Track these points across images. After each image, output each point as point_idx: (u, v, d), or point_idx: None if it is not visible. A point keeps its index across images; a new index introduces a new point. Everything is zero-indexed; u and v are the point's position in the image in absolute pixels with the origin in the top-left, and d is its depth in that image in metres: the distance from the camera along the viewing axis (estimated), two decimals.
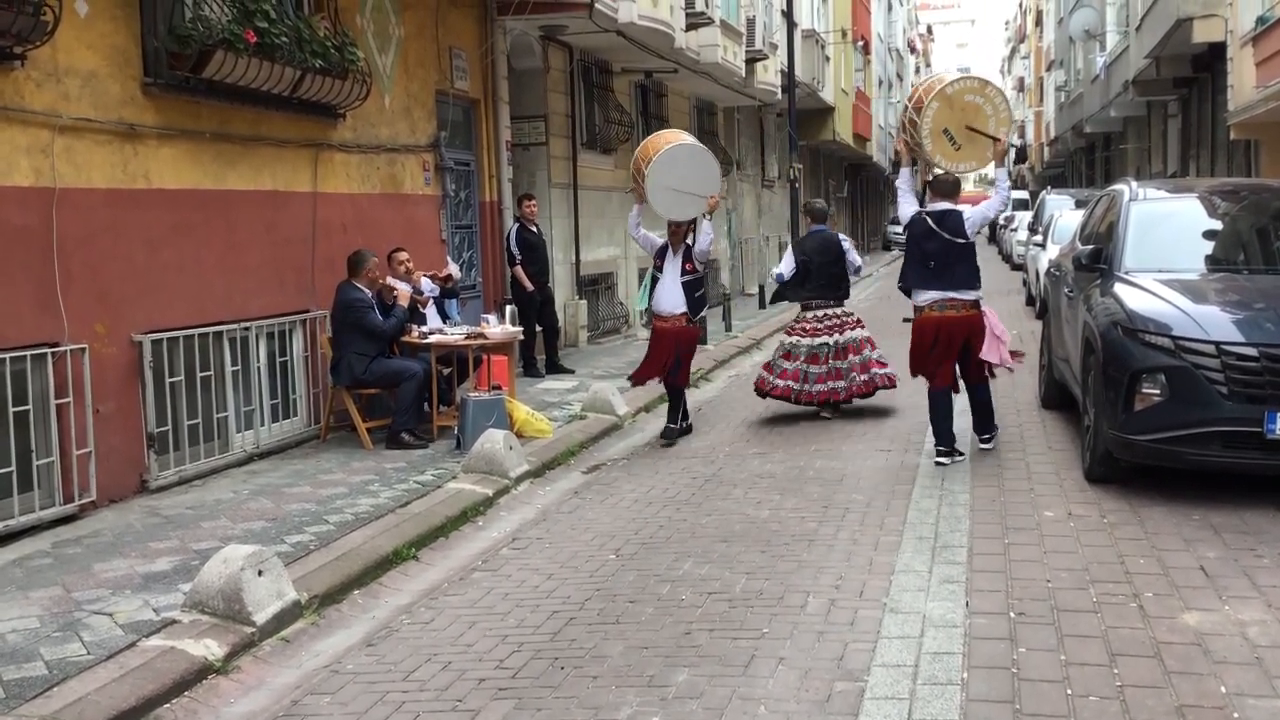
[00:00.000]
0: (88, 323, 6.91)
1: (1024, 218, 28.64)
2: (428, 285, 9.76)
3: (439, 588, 5.80)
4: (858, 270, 10.44)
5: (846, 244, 10.26)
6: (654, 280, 9.44)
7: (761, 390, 9.95)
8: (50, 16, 6.25)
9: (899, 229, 10.14)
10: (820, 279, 9.96)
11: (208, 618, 5.01)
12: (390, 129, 10.36)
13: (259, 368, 8.51)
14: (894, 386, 9.89)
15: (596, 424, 9.59)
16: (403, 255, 9.50)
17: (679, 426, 9.27)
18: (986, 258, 34.74)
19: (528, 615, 5.28)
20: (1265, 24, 15.01)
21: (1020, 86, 77.27)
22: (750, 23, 20.33)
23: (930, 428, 8.15)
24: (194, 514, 6.88)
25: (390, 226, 10.24)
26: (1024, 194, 46.79)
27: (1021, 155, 74.29)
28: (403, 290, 8.99)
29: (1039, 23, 58.86)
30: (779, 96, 23.67)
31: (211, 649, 4.78)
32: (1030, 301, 18.99)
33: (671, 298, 9.19)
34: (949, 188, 8.19)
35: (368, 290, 8.74)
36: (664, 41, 15.18)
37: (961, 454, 7.89)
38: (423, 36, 10.94)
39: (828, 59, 30.54)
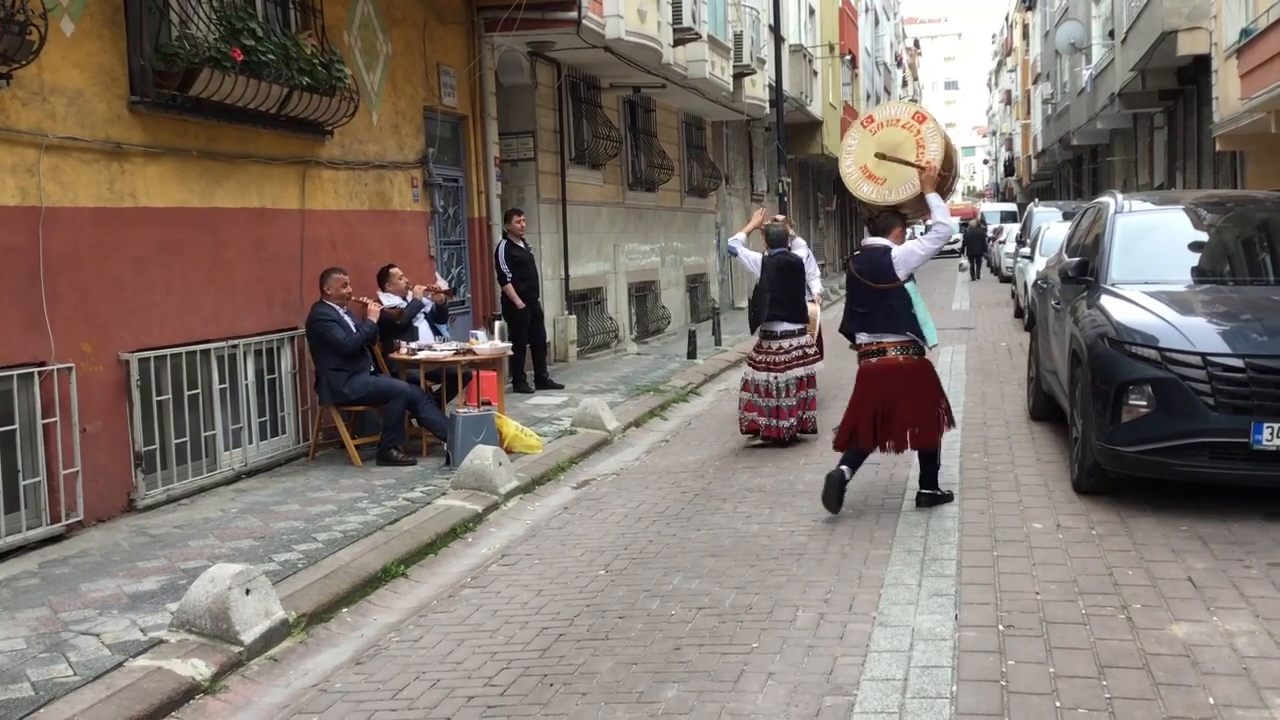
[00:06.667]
0: (74, 342, 6.90)
1: (1012, 230, 28.79)
2: (427, 302, 9.74)
3: (428, 605, 5.79)
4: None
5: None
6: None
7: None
8: (36, 36, 6.25)
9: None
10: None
11: (195, 637, 4.99)
12: (378, 146, 10.37)
13: (247, 385, 8.49)
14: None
15: (586, 439, 9.59)
16: (397, 271, 9.65)
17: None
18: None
19: (517, 632, 5.27)
20: (1249, 36, 15.09)
21: (1008, 99, 77.65)
22: (738, 38, 20.39)
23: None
24: (182, 533, 6.85)
25: (379, 243, 10.25)
26: (1012, 206, 46.95)
27: (1009, 168, 74.62)
28: (373, 306, 8.99)
29: (1026, 36, 59.19)
30: (767, 111, 23.76)
31: (199, 669, 4.76)
32: (1019, 314, 19.06)
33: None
34: (882, 224, 7.14)
35: (339, 307, 8.73)
36: (652, 57, 15.23)
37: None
38: (410, 53, 10.96)
39: (815, 73, 30.64)
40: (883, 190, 7.06)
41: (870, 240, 7.18)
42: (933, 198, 6.94)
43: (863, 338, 7.06)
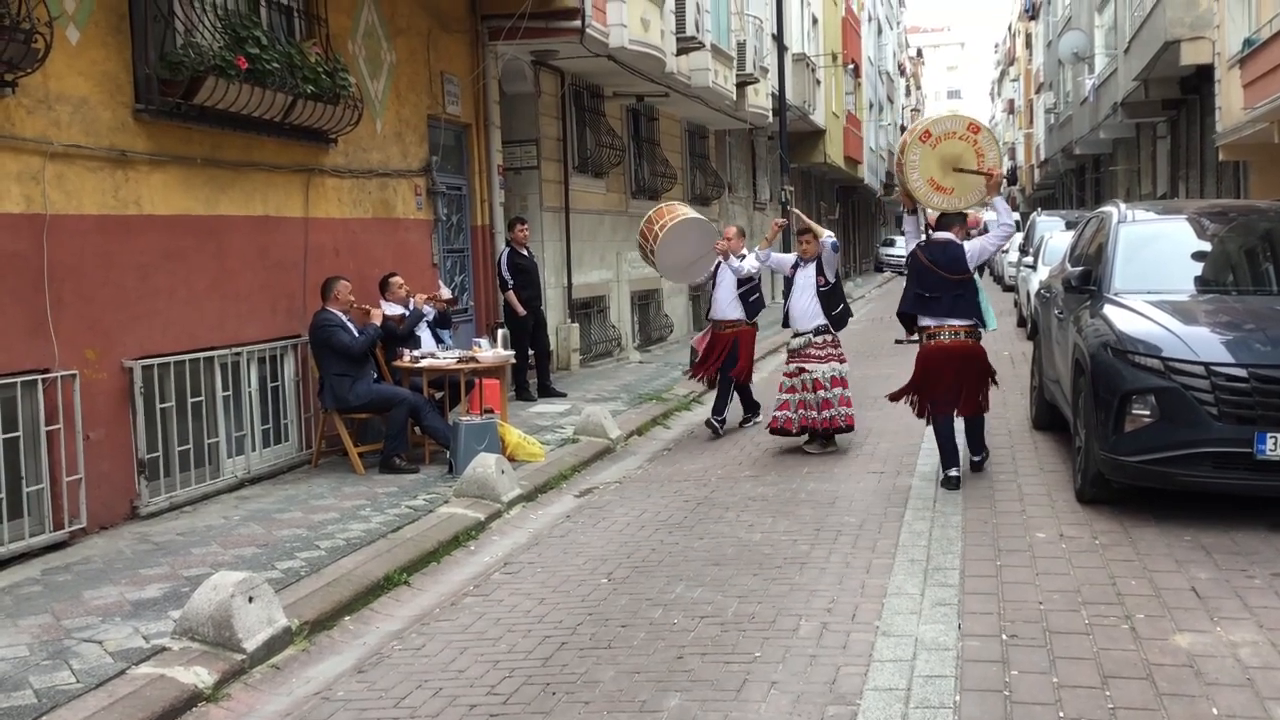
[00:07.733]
0: (78, 349, 6.91)
1: (1015, 239, 28.76)
2: (429, 311, 9.74)
3: (430, 613, 5.79)
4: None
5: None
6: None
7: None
8: (41, 44, 6.27)
9: (891, 251, 10.09)
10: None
11: (198, 645, 4.99)
12: (382, 154, 10.39)
13: (250, 393, 8.50)
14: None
15: (589, 447, 9.59)
16: (397, 280, 9.62)
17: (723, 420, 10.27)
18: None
19: (519, 640, 5.26)
20: (1252, 46, 15.09)
21: (1010, 109, 77.73)
22: (741, 47, 20.42)
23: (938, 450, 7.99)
24: (185, 540, 6.86)
25: (382, 251, 10.26)
26: (1015, 215, 46.98)
27: (1012, 177, 74.69)
28: (375, 311, 9.00)
29: (1028, 45, 59.24)
30: (770, 119, 23.77)
31: (201, 676, 4.75)
32: (1022, 323, 19.03)
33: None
34: (946, 221, 8.06)
35: (341, 314, 8.74)
36: (655, 66, 15.25)
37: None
38: (414, 62, 10.98)
39: (818, 82, 30.68)
40: (953, 199, 7.99)
41: (937, 234, 8.01)
42: (998, 201, 8.06)
43: (926, 321, 7.89)
